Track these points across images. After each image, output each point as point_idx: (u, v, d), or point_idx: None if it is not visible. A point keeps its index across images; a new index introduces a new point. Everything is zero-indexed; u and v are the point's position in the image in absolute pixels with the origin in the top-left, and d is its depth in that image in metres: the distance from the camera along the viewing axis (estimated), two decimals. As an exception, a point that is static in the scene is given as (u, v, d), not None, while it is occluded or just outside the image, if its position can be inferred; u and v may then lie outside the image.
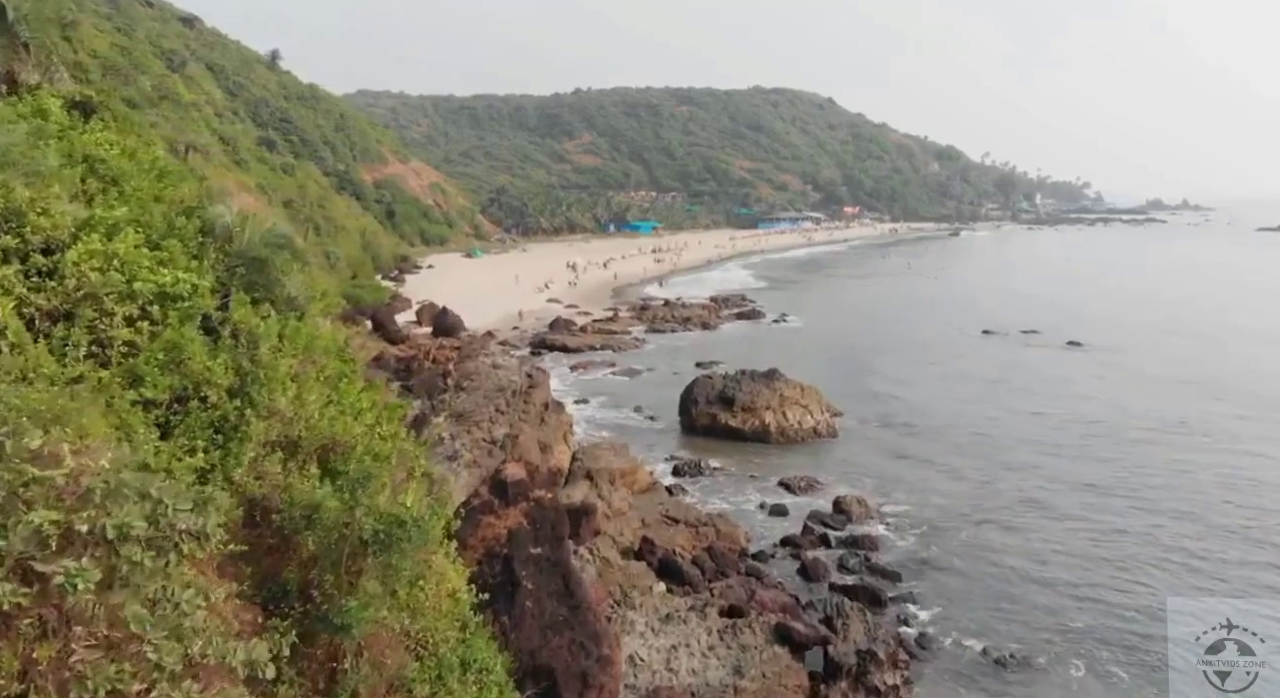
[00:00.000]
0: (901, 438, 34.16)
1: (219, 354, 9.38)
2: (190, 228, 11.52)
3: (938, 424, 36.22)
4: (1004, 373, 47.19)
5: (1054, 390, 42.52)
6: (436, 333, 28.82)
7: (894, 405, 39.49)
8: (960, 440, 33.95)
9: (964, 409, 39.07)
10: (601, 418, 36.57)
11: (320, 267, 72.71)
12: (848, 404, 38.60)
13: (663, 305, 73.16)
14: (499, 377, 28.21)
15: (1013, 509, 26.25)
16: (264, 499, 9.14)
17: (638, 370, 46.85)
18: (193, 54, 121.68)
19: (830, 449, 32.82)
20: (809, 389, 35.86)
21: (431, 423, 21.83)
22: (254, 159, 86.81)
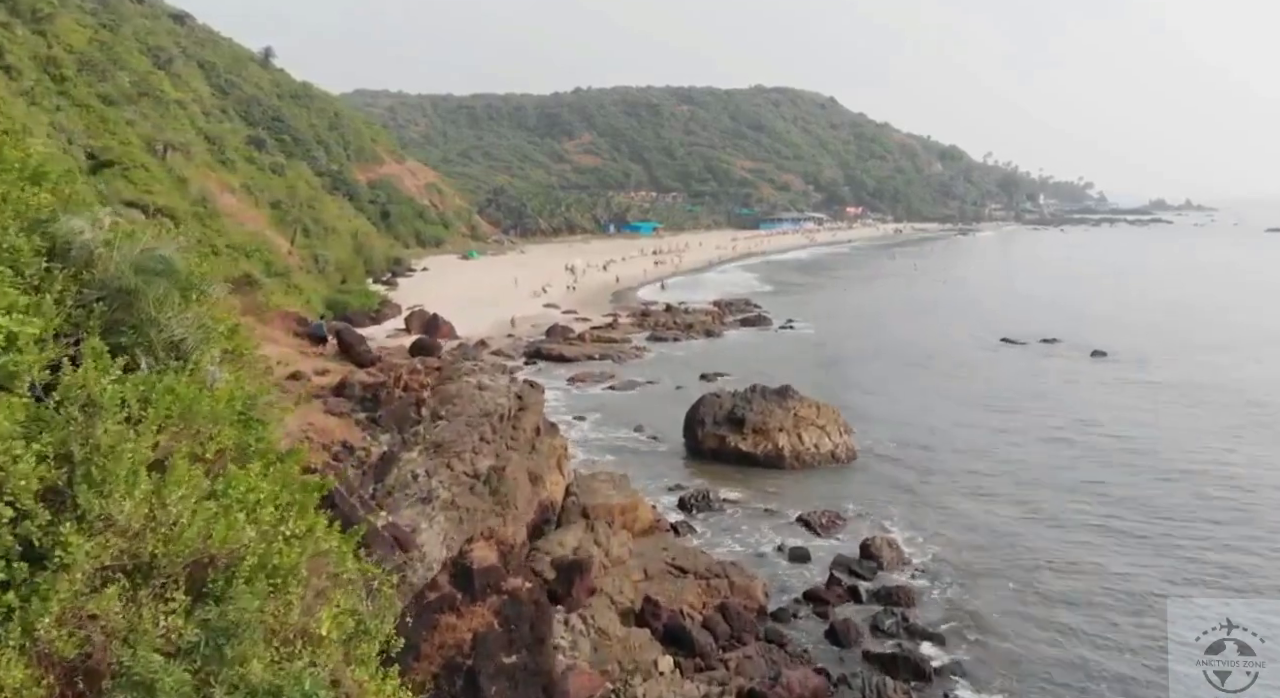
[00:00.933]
0: (928, 464, 31.15)
1: (37, 437, 6.41)
2: (28, 249, 8.44)
3: (966, 448, 33.25)
4: (1031, 387, 44.21)
5: (1087, 409, 39.49)
6: (415, 351, 25.75)
7: (916, 425, 36.51)
8: (993, 468, 30.98)
9: (994, 430, 36.05)
10: (600, 439, 33.63)
11: (308, 271, 69.97)
12: (866, 424, 35.68)
13: (664, 311, 70.24)
14: (484, 400, 25.24)
15: (1061, 551, 23.27)
16: (87, 662, 6.19)
17: (638, 383, 43.92)
18: (183, 51, 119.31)
19: (850, 476, 29.85)
20: (825, 408, 32.93)
21: (401, 460, 18.88)
22: (241, 159, 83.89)
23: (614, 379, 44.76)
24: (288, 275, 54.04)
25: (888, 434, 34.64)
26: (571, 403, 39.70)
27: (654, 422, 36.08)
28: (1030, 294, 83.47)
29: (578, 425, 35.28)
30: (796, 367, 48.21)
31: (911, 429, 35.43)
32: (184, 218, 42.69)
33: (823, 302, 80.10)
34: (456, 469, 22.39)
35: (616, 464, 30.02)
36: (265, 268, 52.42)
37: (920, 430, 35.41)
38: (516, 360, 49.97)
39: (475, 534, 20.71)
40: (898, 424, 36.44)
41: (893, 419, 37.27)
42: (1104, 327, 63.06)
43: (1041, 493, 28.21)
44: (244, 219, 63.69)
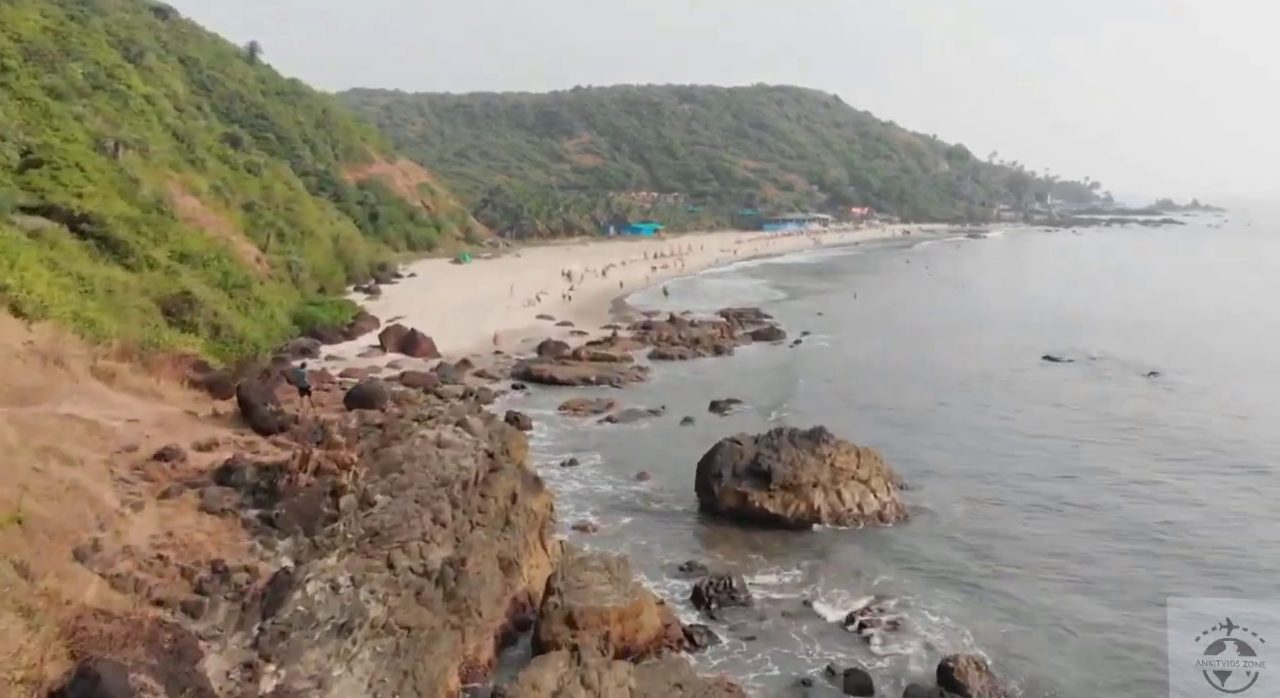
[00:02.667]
0: (1001, 527, 25.31)
1: None
2: None
3: (1042, 502, 27.37)
4: (1094, 416, 38.47)
5: (1169, 446, 33.75)
6: (352, 402, 19.80)
7: (977, 471, 30.70)
8: (1085, 528, 25.16)
9: (1067, 475, 30.20)
10: (593, 491, 27.86)
11: (280, 279, 64.27)
12: (916, 471, 30.02)
13: (668, 322, 64.53)
14: (442, 464, 19.56)
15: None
16: None
17: (640, 414, 38.16)
18: (163, 46, 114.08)
19: (904, 547, 24.01)
20: (867, 455, 27.22)
21: (307, 578, 13.22)
22: (214, 158, 78.14)
23: (612, 409, 39.04)
24: (249, 287, 48.37)
25: (944, 486, 28.80)
26: (562, 440, 33.98)
27: (659, 466, 30.41)
28: (1060, 303, 77.67)
29: (568, 472, 29.55)
30: (819, 392, 42.55)
31: (972, 478, 29.60)
32: (115, 225, 37.00)
33: (838, 311, 74.36)
34: (400, 567, 16.70)
35: (614, 531, 24.35)
36: (222, 279, 46.88)
37: (983, 478, 29.59)
38: (502, 383, 44.34)
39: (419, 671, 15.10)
40: (954, 471, 30.56)
41: (947, 464, 31.40)
42: (1149, 341, 57.46)
43: (1163, 567, 22.35)
44: (206, 224, 58.02)
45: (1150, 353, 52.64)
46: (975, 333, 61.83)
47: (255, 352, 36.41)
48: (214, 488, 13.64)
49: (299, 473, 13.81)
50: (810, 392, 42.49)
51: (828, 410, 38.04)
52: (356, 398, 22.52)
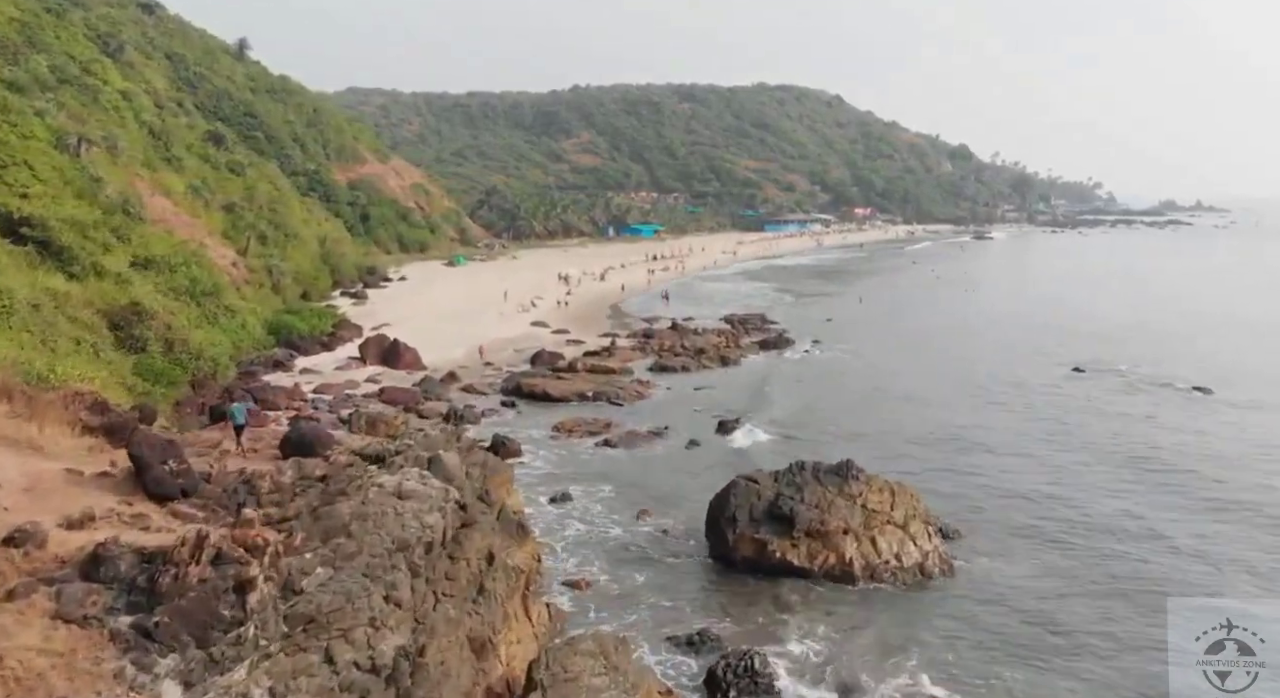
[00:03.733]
0: (1070, 582, 21.54)
1: None
2: None
3: (1117, 551, 23.59)
4: (1145, 438, 34.79)
5: (1242, 474, 30.16)
6: (289, 448, 16.24)
7: (1025, 507, 27.05)
8: (1165, 579, 21.59)
9: (1134, 514, 26.51)
10: (588, 535, 24.29)
11: (259, 284, 60.71)
12: (955, 507, 26.49)
13: (670, 330, 61.02)
14: (403, 520, 16.03)
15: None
16: None
17: (641, 437, 34.58)
18: (149, 41, 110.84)
19: (954, 610, 20.23)
20: (902, 492, 23.67)
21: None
22: (195, 156, 74.63)
23: (610, 430, 35.47)
24: (219, 294, 44.79)
25: (994, 531, 25.08)
26: (554, 468, 30.40)
27: (663, 501, 26.91)
28: (1079, 309, 74.06)
29: (560, 512, 25.99)
30: (837, 410, 38.95)
31: (1025, 518, 25.82)
32: (59, 229, 33.42)
33: (848, 317, 70.83)
34: (341, 662, 13.23)
35: (611, 588, 20.81)
36: (189, 286, 43.32)
37: (1037, 518, 25.86)
38: (491, 399, 40.77)
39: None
40: (1003, 510, 26.79)
41: (993, 502, 27.66)
42: (1180, 351, 54.03)
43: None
44: (178, 226, 54.49)
45: (1184, 365, 49.19)
46: (994, 341, 58.30)
47: (213, 369, 32.80)
48: (76, 585, 10.14)
49: (189, 564, 10.32)
50: (827, 410, 38.94)
51: (849, 433, 34.64)
52: (294, 443, 18.76)
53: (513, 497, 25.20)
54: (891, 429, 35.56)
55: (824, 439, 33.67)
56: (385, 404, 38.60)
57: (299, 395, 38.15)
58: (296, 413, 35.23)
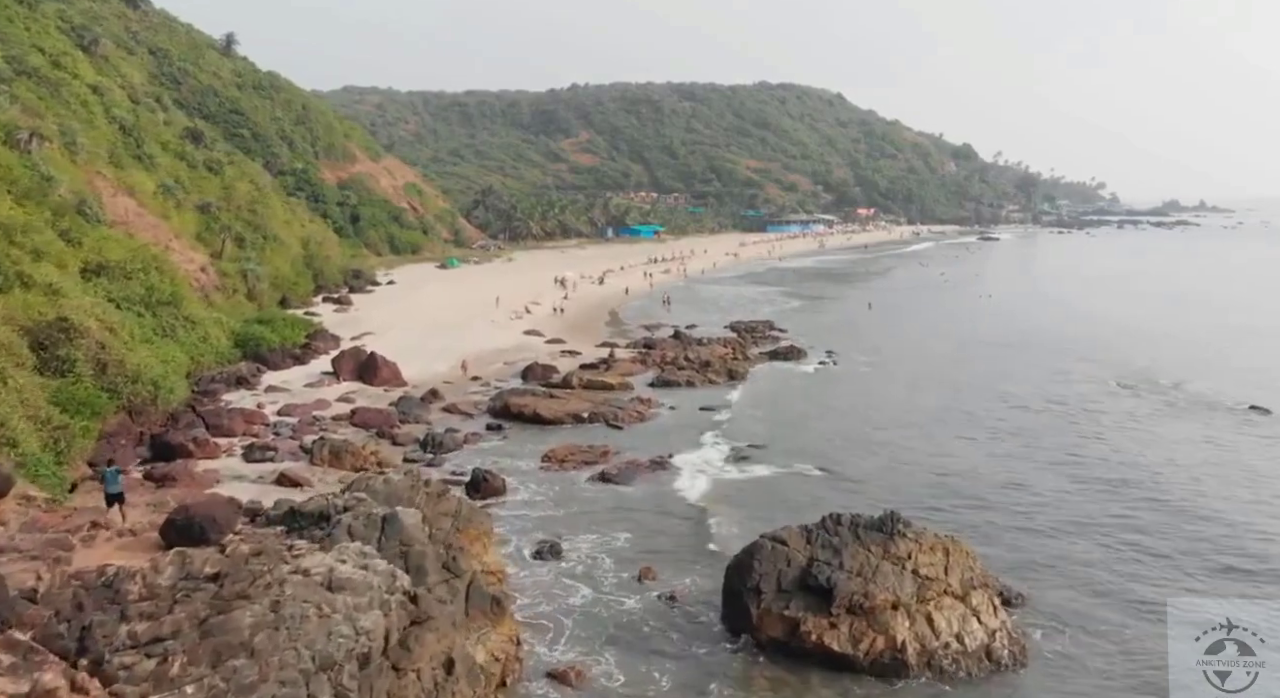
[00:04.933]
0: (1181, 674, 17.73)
1: None
2: None
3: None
4: (1219, 470, 30.78)
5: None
6: (173, 535, 12.40)
7: (1086, 552, 23.00)
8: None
9: (1216, 559, 22.60)
10: (579, 605, 20.09)
11: (233, 290, 56.69)
12: (1016, 562, 22.45)
13: (672, 339, 57.02)
14: (329, 625, 12.00)
15: None
16: None
17: (643, 468, 30.47)
18: (132, 36, 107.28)
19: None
20: (957, 549, 19.61)
21: None
22: (170, 154, 70.64)
23: (608, 459, 31.40)
24: (178, 304, 40.72)
25: (1060, 585, 20.91)
26: (542, 509, 26.30)
27: (671, 555, 22.86)
28: (1105, 317, 69.90)
29: (545, 570, 21.87)
30: (864, 436, 34.78)
31: (1099, 575, 21.67)
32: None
33: (860, 324, 66.83)
34: None
35: (606, 684, 16.74)
36: (143, 295, 39.33)
37: (1112, 574, 21.76)
38: (476, 421, 36.70)
39: None
40: (1064, 559, 22.69)
41: (1049, 546, 23.50)
42: (1229, 365, 50.05)
43: None
44: (141, 228, 50.47)
45: (1232, 380, 45.23)
46: (1022, 353, 54.23)
47: (153, 393, 28.73)
48: None
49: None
50: (853, 436, 34.81)
51: (882, 464, 30.54)
52: (180, 528, 14.55)
53: (490, 552, 21.21)
54: (925, 458, 31.44)
55: (851, 471, 29.61)
56: (356, 428, 34.68)
57: (259, 419, 34.15)
58: (253, 441, 31.27)
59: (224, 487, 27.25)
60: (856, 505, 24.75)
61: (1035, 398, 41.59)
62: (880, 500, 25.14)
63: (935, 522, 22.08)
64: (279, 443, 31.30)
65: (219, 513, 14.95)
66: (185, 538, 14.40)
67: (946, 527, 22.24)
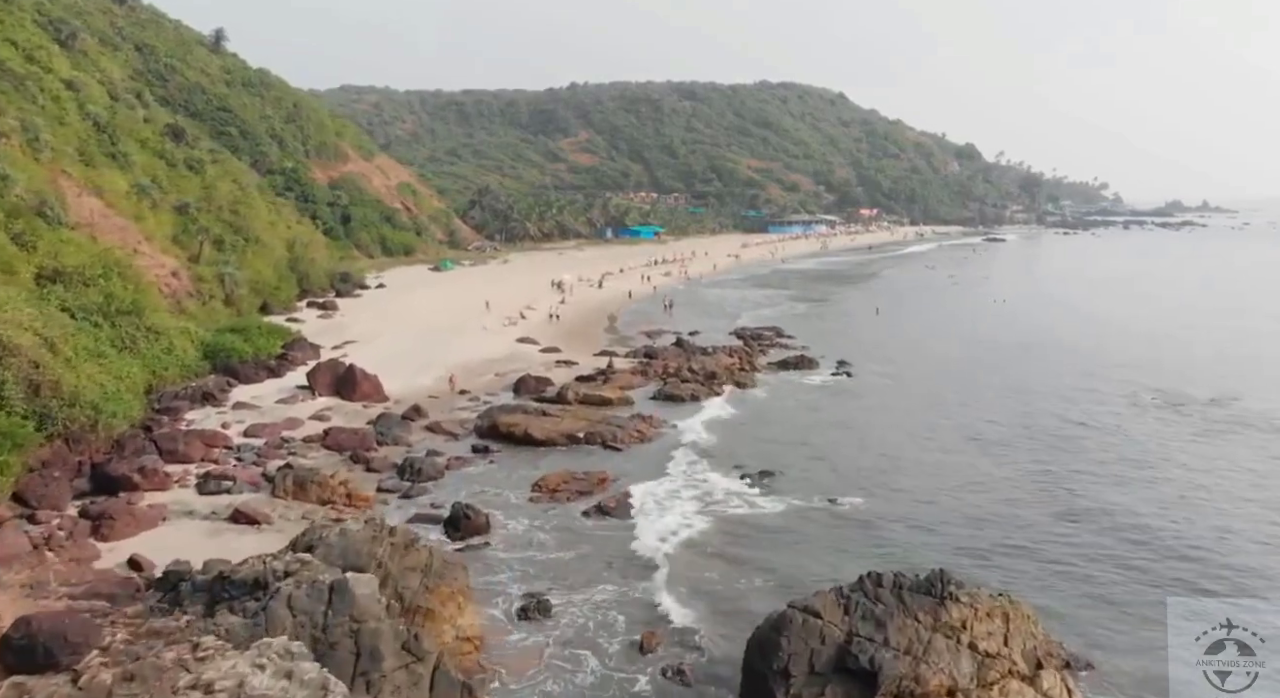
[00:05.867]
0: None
1: None
2: None
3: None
4: (1266, 500, 27.70)
5: None
6: (15, 665, 9.82)
7: (1149, 605, 20.01)
8: None
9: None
10: (570, 683, 16.99)
11: (209, 296, 53.58)
12: (1064, 608, 19.38)
13: (674, 347, 53.89)
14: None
15: None
16: None
17: (648, 501, 27.39)
18: (118, 32, 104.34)
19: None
20: (1018, 616, 16.45)
21: None
22: (149, 152, 67.46)
23: (605, 488, 28.27)
24: (140, 313, 37.54)
25: (1128, 645, 17.92)
26: (530, 551, 23.13)
27: (678, 611, 19.72)
28: (1129, 325, 66.70)
29: (531, 633, 18.72)
30: (888, 461, 31.62)
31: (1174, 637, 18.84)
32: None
33: (870, 331, 63.67)
34: None
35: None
36: (102, 304, 36.22)
37: (1188, 636, 18.87)
38: (461, 442, 33.54)
39: None
40: (1126, 612, 19.62)
41: (1106, 597, 20.49)
42: (1267, 380, 46.86)
43: None
44: (108, 230, 47.33)
45: (1274, 398, 42.04)
46: (1043, 364, 51.10)
47: (93, 418, 25.57)
48: None
49: None
50: (874, 461, 31.63)
51: (910, 497, 27.37)
52: (20, 650, 11.18)
53: (466, 613, 18.10)
54: (957, 490, 28.19)
55: (877, 506, 26.41)
56: (329, 451, 31.56)
57: (221, 441, 31.02)
58: (210, 470, 28.12)
59: (171, 525, 24.20)
60: (887, 550, 21.74)
61: (1067, 416, 38.43)
62: (915, 544, 22.11)
63: (980, 572, 19.08)
64: (239, 471, 28.15)
65: (72, 628, 11.57)
66: (26, 663, 11.14)
67: (992, 576, 19.33)
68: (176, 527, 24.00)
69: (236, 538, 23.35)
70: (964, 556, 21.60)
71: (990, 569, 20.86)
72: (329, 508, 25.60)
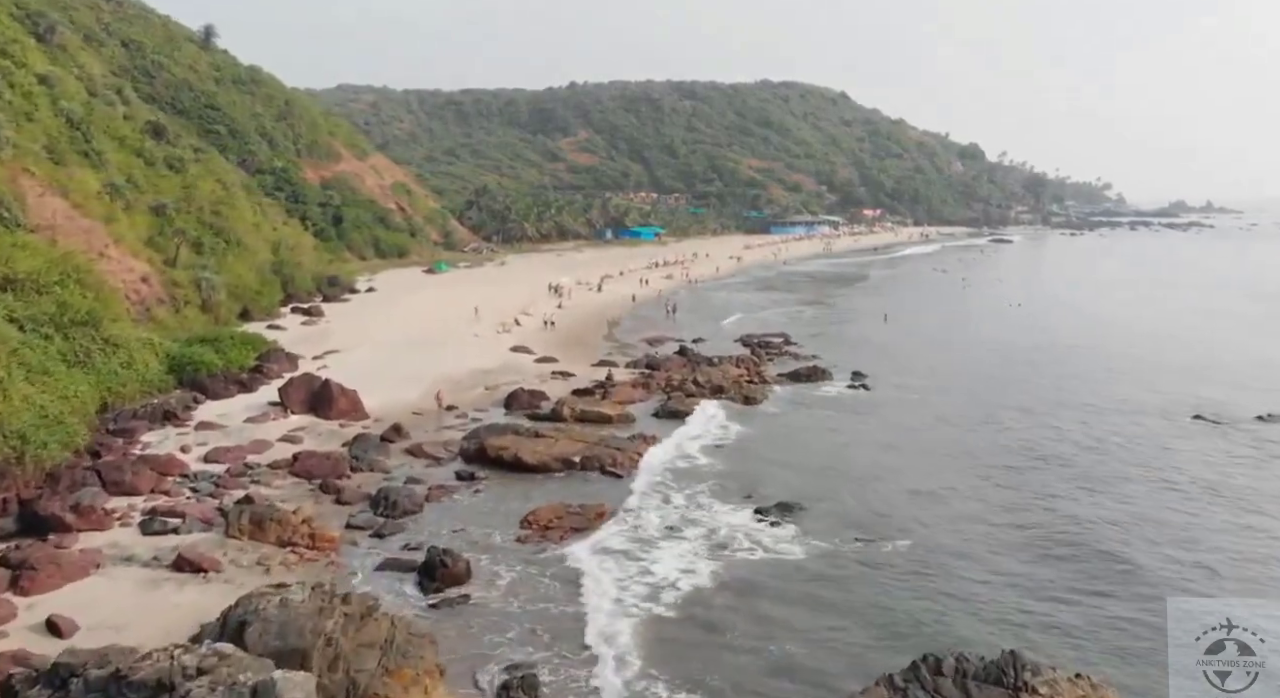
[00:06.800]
0: None
1: None
2: None
3: None
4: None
5: None
6: None
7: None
8: None
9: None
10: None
11: (185, 302, 50.57)
12: (1141, 682, 16.27)
13: (677, 355, 50.79)
14: None
15: None
16: None
17: (648, 535, 24.30)
18: (104, 27, 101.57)
19: None
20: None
21: None
22: (127, 150, 64.47)
23: (604, 523, 25.15)
24: (97, 324, 34.44)
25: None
26: (516, 609, 19.92)
27: (683, 683, 16.63)
28: (1154, 332, 63.36)
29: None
30: (920, 493, 28.35)
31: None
32: None
33: (883, 339, 60.48)
34: None
35: None
36: (55, 312, 33.20)
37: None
38: (445, 467, 30.41)
39: None
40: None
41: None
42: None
43: None
44: (72, 233, 44.23)
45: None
46: (1071, 376, 47.89)
47: (19, 449, 22.44)
48: None
49: None
50: (905, 493, 28.31)
51: (955, 543, 24.08)
52: None
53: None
54: (1005, 531, 24.86)
55: (918, 553, 23.13)
56: (297, 479, 28.40)
57: (176, 468, 27.89)
58: (158, 504, 24.99)
59: (104, 574, 21.08)
60: (939, 611, 18.59)
61: (1109, 439, 35.19)
62: (969, 602, 18.99)
63: (1049, 638, 15.92)
64: (191, 505, 25.01)
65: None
66: None
67: (1063, 644, 16.06)
68: (110, 577, 20.90)
69: (176, 591, 20.27)
70: (1030, 616, 18.47)
71: (1059, 634, 17.71)
72: (289, 551, 22.51)
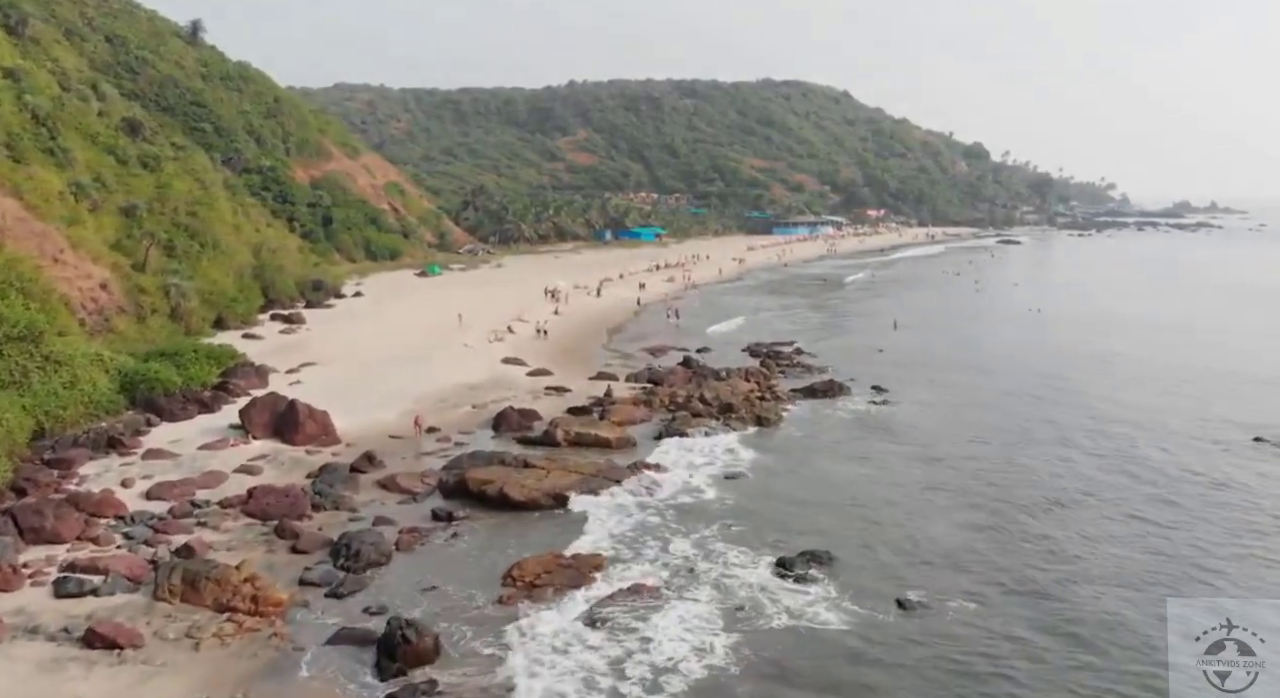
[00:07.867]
0: None
1: None
2: None
3: None
4: None
5: None
6: None
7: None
8: None
9: None
10: None
11: (151, 310, 46.98)
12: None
13: (683, 370, 47.12)
14: None
15: None
16: None
17: (655, 598, 20.70)
18: (87, 22, 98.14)
19: None
20: None
21: None
22: (98, 148, 60.93)
23: (599, 580, 21.54)
24: (39, 339, 30.87)
25: None
26: (497, 695, 16.45)
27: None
28: (1192, 341, 59.79)
29: None
30: (966, 537, 24.65)
31: None
32: None
33: (900, 348, 56.69)
34: None
35: None
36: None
37: None
38: (419, 507, 26.76)
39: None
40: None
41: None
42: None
43: None
44: (23, 237, 40.57)
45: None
46: (1109, 391, 44.27)
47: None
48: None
49: None
50: (949, 536, 24.63)
51: (1016, 604, 20.46)
52: None
53: None
54: (1069, 575, 21.35)
55: (973, 618, 19.56)
56: (250, 519, 24.79)
57: (111, 509, 24.28)
58: (78, 557, 21.38)
59: (2, 650, 17.48)
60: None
61: (1158, 456, 31.67)
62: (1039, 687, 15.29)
63: None
64: (120, 557, 21.43)
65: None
66: None
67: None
68: (7, 656, 17.31)
69: (82, 675, 16.69)
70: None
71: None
72: (226, 618, 18.94)
